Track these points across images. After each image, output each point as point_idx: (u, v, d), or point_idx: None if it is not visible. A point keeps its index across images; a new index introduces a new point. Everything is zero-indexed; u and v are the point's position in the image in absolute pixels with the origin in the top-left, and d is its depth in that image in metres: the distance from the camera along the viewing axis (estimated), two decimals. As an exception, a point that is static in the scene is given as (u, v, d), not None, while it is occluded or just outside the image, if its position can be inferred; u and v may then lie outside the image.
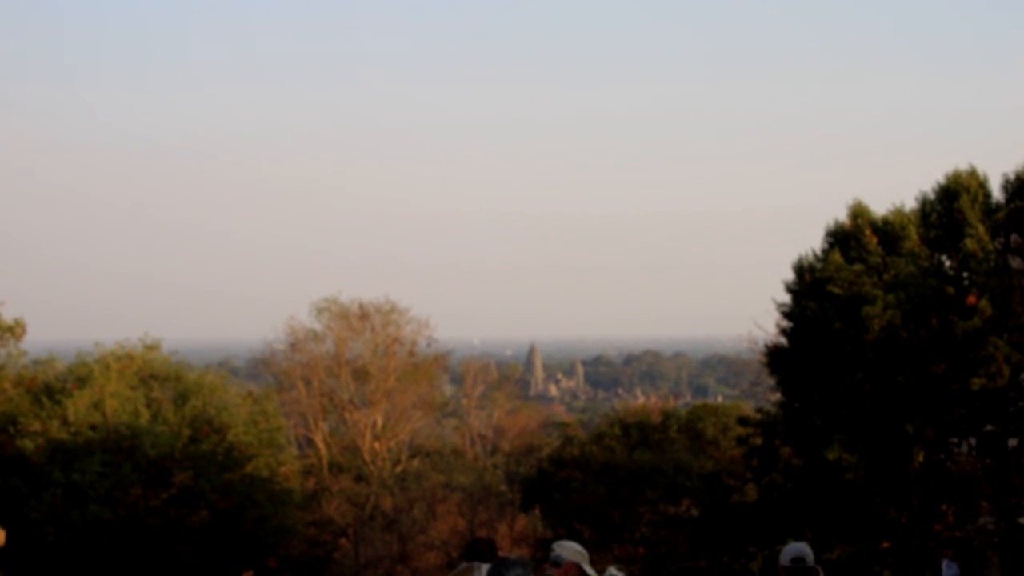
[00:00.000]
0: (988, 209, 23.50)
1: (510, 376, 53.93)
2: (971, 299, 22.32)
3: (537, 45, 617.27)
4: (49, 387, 28.62)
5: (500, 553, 8.29)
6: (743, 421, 28.45)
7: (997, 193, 23.80)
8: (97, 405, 27.61)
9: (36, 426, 26.98)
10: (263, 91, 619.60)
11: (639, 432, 34.16)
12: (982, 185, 23.98)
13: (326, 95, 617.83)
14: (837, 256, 23.79)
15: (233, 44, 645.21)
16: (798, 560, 7.91)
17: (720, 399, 68.87)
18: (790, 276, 25.03)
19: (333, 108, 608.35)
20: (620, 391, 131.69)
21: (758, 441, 26.67)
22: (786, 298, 24.97)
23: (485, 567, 7.64)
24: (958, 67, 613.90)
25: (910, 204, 24.73)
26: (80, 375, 28.75)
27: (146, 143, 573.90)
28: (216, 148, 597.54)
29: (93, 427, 27.23)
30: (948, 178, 24.11)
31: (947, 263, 24.12)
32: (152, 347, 30.23)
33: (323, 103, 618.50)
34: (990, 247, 21.57)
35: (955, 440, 8.47)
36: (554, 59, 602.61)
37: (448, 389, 51.55)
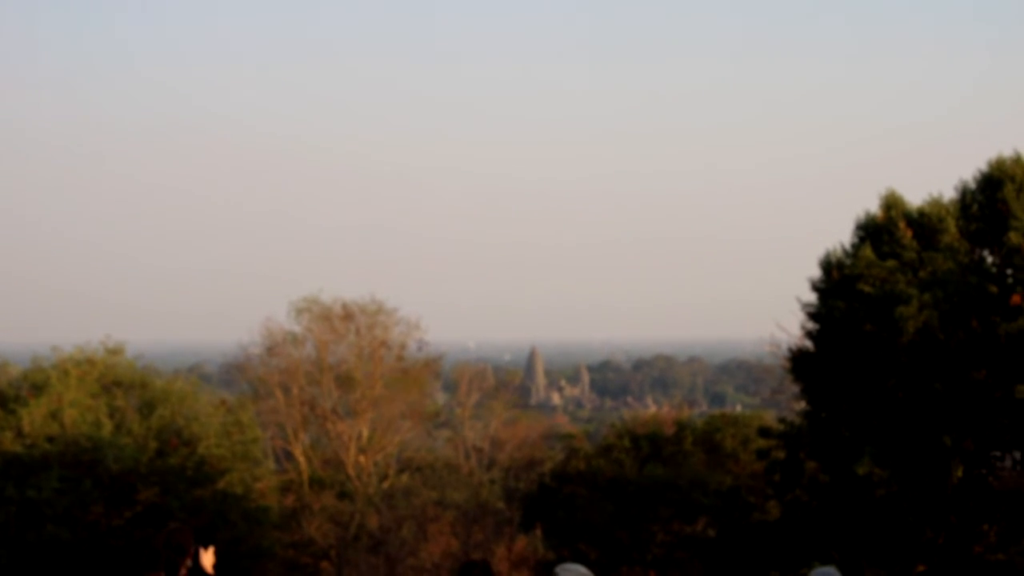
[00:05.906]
0: (1034, 200, 23.49)
1: (508, 383, 54.01)
2: (1016, 298, 22.31)
3: (547, 30, 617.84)
4: (2, 395, 28.63)
5: None
6: (764, 432, 28.45)
7: (1044, 182, 23.80)
8: (55, 415, 27.61)
9: (-13, 438, 27.00)
10: (240, 75, 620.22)
11: (650, 444, 34.19)
12: (1028, 173, 23.97)
13: (311, 81, 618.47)
14: (868, 251, 23.77)
15: (210, 24, 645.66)
16: None
17: (739, 408, 69.13)
18: (816, 273, 25.01)
19: (319, 95, 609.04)
20: (629, 399, 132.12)
21: (781, 454, 26.65)
22: (812, 297, 24.95)
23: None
24: (1003, 49, 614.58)
25: (949, 194, 24.73)
26: (36, 382, 28.74)
27: (118, 129, 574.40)
28: (190, 135, 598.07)
29: (50, 439, 27.23)
30: (991, 165, 24.08)
31: (989, 259, 24.10)
32: (115, 351, 30.23)
33: (309, 90, 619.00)
34: (1036, 241, 21.58)
35: (998, 453, 8.47)
36: (560, 50, 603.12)
37: (440, 397, 51.56)
